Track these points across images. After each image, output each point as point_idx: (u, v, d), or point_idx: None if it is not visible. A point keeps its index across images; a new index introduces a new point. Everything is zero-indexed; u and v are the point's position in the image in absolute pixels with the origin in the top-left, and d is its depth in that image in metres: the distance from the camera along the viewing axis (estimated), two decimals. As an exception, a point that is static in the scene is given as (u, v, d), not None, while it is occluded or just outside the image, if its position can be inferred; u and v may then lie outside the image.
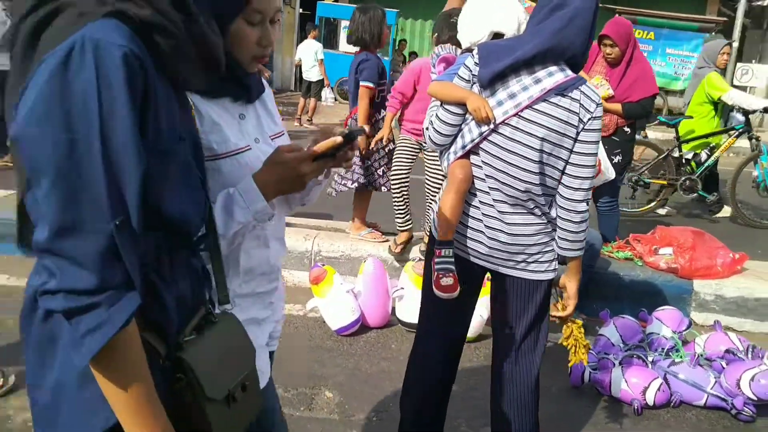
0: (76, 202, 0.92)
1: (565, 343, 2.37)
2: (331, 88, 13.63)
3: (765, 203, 6.49)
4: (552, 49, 2.02)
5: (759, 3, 16.05)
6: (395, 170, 4.24)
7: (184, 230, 1.10)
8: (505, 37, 2.24)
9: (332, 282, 3.65)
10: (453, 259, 2.20)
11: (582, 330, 2.34)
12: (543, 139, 2.04)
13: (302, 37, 14.19)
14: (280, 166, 1.30)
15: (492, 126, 2.08)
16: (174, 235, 1.07)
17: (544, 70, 2.04)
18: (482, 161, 2.14)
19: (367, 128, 4.13)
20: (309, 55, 11.35)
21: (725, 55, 6.34)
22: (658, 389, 3.04)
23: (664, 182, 6.37)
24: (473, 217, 2.18)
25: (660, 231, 4.34)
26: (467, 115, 2.15)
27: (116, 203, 0.93)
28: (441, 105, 2.20)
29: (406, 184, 4.28)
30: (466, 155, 2.16)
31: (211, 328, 1.15)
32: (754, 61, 15.20)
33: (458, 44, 2.55)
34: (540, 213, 2.14)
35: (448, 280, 2.18)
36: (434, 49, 2.71)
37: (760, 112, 6.10)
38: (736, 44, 12.81)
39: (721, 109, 6.24)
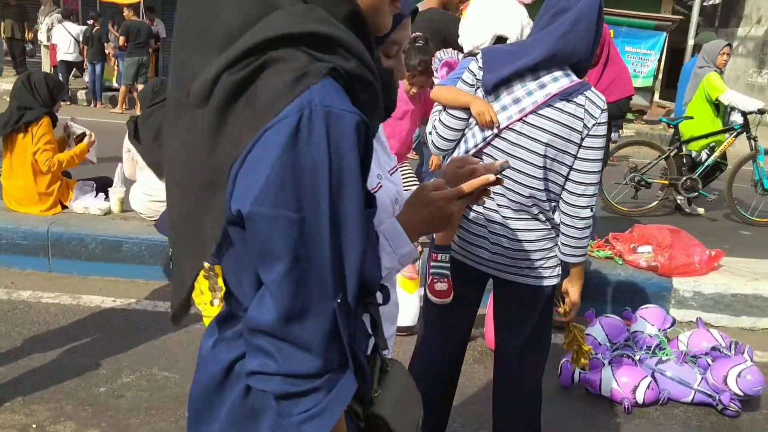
0: (305, 285, 0.86)
1: (566, 348, 2.37)
2: None
3: (760, 202, 6.62)
4: (557, 54, 2.01)
5: (711, 2, 16.49)
6: None
7: (370, 290, 1.05)
8: (508, 41, 2.22)
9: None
10: (449, 265, 2.18)
11: (584, 335, 2.35)
12: (547, 145, 2.03)
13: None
14: (427, 206, 1.19)
15: (496, 131, 2.07)
16: (361, 296, 1.02)
17: (548, 75, 2.03)
18: (486, 166, 2.12)
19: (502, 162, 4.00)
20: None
21: (725, 56, 6.44)
22: (648, 387, 3.08)
23: (666, 182, 6.47)
24: (476, 223, 2.16)
25: (638, 229, 4.41)
26: (471, 120, 2.13)
27: (338, 280, 0.88)
28: (444, 109, 2.17)
29: None
30: (469, 160, 2.14)
31: (386, 378, 1.10)
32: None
33: (461, 49, 2.53)
34: (544, 218, 2.13)
35: (442, 285, 2.16)
36: (436, 54, 2.70)
37: (755, 113, 6.18)
38: (692, 42, 13.12)
39: (723, 108, 6.34)
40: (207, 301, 1.08)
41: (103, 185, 4.68)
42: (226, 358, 0.99)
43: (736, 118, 6.40)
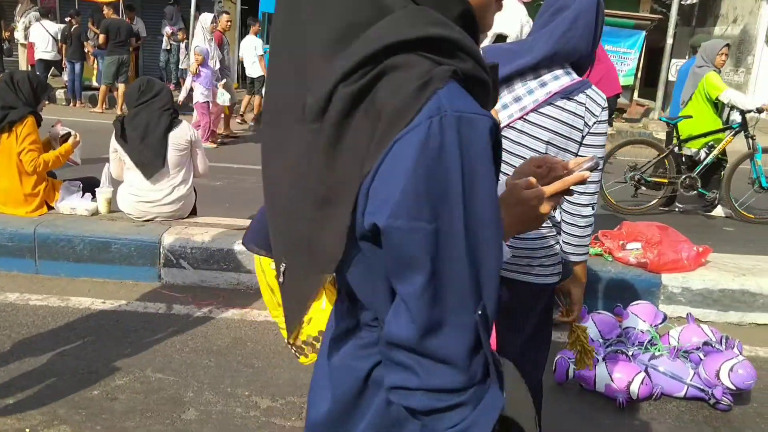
0: (444, 297, 0.83)
1: (570, 348, 2.38)
2: None
3: (751, 198, 6.70)
4: (558, 52, 2.02)
5: (688, 2, 16.68)
6: None
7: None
8: (508, 40, 2.22)
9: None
10: None
11: (587, 335, 2.36)
12: (548, 143, 2.04)
13: (245, 32, 13.93)
14: (520, 205, 1.13)
15: (496, 129, 2.07)
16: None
17: (549, 73, 2.04)
18: (487, 165, 2.13)
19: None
20: (250, 51, 11.14)
21: (723, 56, 6.52)
22: (641, 383, 3.11)
23: (665, 180, 6.54)
24: (477, 221, 2.16)
25: (626, 226, 4.44)
26: (471, 119, 2.13)
27: (477, 291, 0.85)
28: (445, 108, 2.17)
29: None
30: (470, 159, 2.15)
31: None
32: (687, 57, 15.78)
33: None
34: (545, 216, 2.14)
35: None
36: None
37: (753, 111, 6.25)
38: (670, 41, 13.26)
39: (721, 107, 6.41)
40: None
41: (89, 185, 4.62)
42: (363, 366, 0.96)
43: (736, 117, 6.49)
